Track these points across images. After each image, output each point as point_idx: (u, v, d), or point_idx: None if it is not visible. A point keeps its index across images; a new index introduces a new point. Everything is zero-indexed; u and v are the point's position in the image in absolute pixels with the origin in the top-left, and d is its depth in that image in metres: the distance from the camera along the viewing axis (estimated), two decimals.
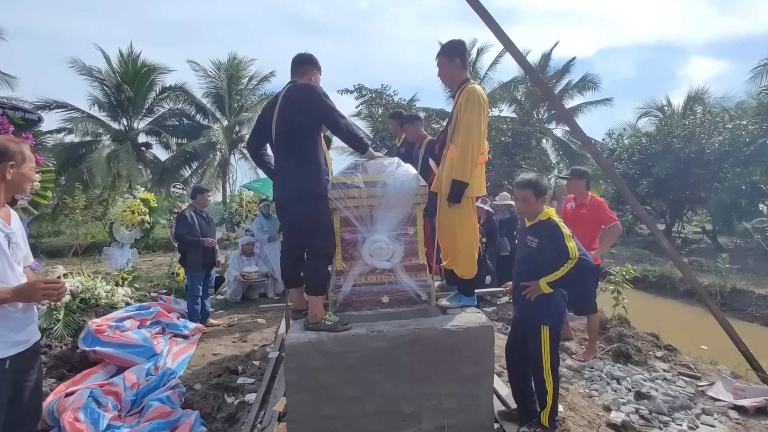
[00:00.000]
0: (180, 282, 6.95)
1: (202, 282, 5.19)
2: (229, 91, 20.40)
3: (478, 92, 2.67)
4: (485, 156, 2.83)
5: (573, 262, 2.43)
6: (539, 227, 2.59)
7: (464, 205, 2.75)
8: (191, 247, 5.05)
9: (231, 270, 6.68)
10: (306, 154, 2.60)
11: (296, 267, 2.83)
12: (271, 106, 2.69)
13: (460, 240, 2.80)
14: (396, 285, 2.79)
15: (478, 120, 2.65)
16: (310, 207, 2.59)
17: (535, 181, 2.58)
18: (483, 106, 2.66)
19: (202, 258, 5.10)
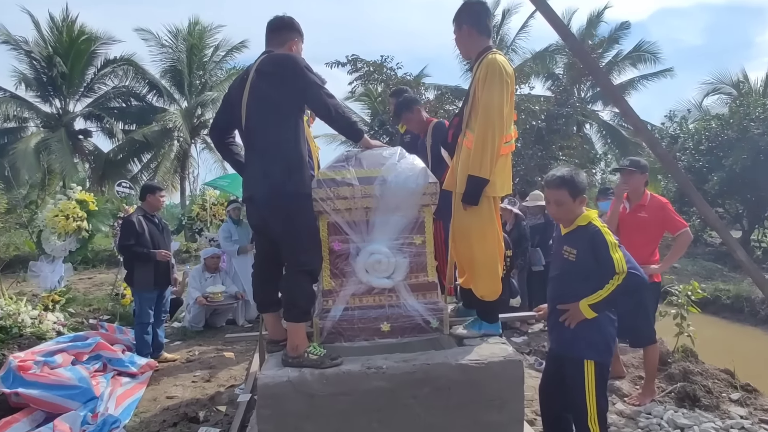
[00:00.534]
0: (126, 306, 6.95)
1: (154, 306, 5.20)
2: (189, 64, 20.54)
3: (499, 64, 2.68)
4: (511, 145, 2.83)
5: (619, 278, 2.43)
6: (577, 235, 2.59)
7: (484, 207, 2.75)
8: (140, 261, 5.06)
9: (190, 290, 6.69)
10: (284, 143, 2.61)
11: (272, 286, 2.82)
12: (241, 83, 2.70)
13: (480, 251, 2.80)
14: (399, 309, 2.79)
15: (499, 99, 2.65)
16: (290, 210, 2.59)
17: (570, 178, 2.58)
18: (506, 81, 2.67)
19: (154, 275, 5.11)
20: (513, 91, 2.78)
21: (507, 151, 2.80)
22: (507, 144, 2.77)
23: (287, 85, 2.59)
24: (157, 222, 5.30)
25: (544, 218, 6.53)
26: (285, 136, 2.61)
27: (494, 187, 2.73)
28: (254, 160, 2.67)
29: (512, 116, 2.83)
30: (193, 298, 6.52)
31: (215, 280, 6.81)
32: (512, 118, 2.83)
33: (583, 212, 2.60)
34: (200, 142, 22.10)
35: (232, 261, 7.11)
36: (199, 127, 21.35)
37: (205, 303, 6.45)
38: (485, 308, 2.92)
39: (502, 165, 2.77)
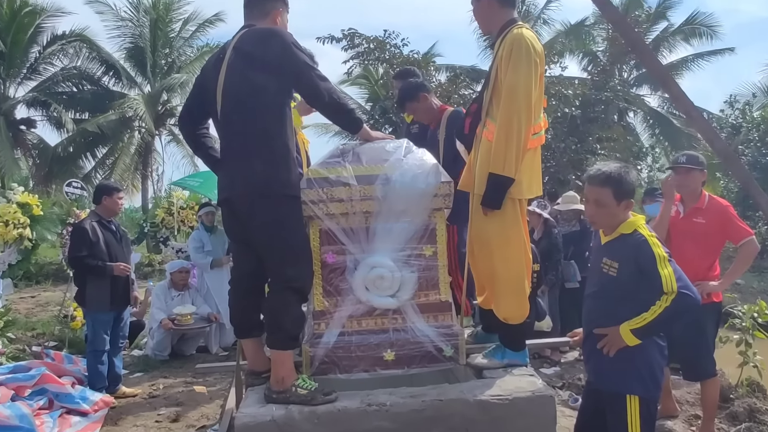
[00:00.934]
0: (76, 330, 6.94)
1: (110, 330, 5.20)
2: (153, 41, 20.67)
3: (526, 39, 2.69)
4: (540, 137, 2.84)
5: (668, 299, 2.43)
6: (620, 245, 2.59)
7: (508, 211, 2.76)
8: (94, 276, 5.07)
9: (154, 311, 6.70)
10: (268, 134, 2.62)
11: (253, 307, 2.83)
12: (216, 63, 2.72)
13: (503, 265, 2.80)
14: (405, 334, 2.79)
15: (527, 81, 2.66)
16: (275, 215, 2.61)
17: (618, 176, 2.57)
18: (535, 60, 2.68)
19: (111, 293, 5.11)
20: (543, 72, 2.80)
21: (536, 144, 2.81)
22: (536, 136, 2.78)
23: (272, 66, 2.61)
24: (114, 229, 5.32)
25: (580, 225, 6.52)
26: (269, 127, 2.63)
27: (520, 188, 2.74)
28: (232, 156, 2.68)
29: (542, 102, 2.84)
30: (157, 320, 6.52)
31: (184, 298, 6.81)
32: (542, 105, 2.84)
33: (628, 218, 2.60)
34: (166, 133, 22.18)
35: (204, 276, 7.12)
36: (165, 116, 21.43)
37: (172, 326, 6.45)
38: (509, 333, 2.92)
39: (529, 161, 2.78)
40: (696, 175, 3.89)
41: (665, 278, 2.43)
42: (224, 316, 6.76)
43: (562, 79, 12.72)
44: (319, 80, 2.66)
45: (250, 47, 2.64)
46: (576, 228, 6.52)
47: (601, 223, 2.66)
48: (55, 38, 19.81)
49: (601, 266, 2.62)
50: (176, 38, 21.59)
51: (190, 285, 6.97)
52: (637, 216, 2.64)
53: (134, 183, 21.42)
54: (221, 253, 7.04)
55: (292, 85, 2.73)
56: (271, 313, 2.66)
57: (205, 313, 6.76)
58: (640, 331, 2.48)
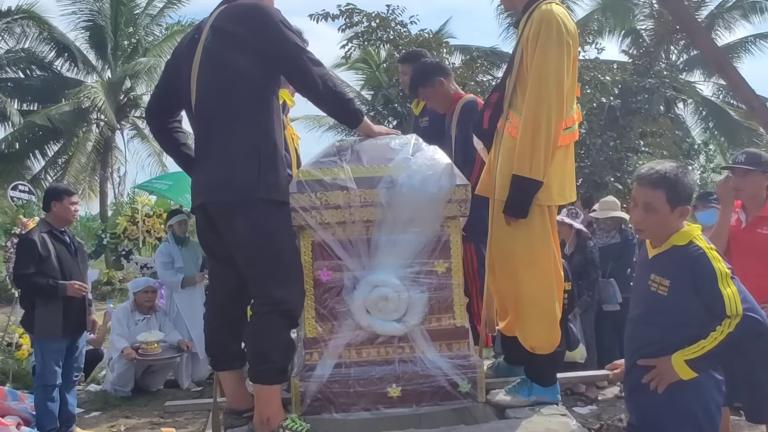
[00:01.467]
0: (23, 361, 6.93)
1: (63, 361, 5.20)
2: (114, 19, 20.80)
3: (557, 17, 2.71)
4: (573, 132, 2.85)
5: (732, 323, 2.42)
6: (672, 258, 2.58)
7: (535, 220, 2.77)
8: (43, 297, 5.08)
9: (115, 339, 6.71)
10: (252, 129, 2.64)
11: (232, 334, 2.83)
12: (191, 46, 2.75)
13: (529, 284, 2.81)
14: (414, 365, 2.79)
15: (558, 65, 2.68)
16: (259, 224, 2.62)
17: (675, 177, 2.57)
18: (567, 41, 2.70)
19: (63, 317, 5.12)
20: (576, 56, 2.82)
21: (568, 141, 2.83)
22: (568, 131, 2.80)
23: (256, 48, 2.63)
24: (68, 241, 5.34)
25: (621, 236, 6.53)
26: (253, 120, 2.65)
27: (549, 193, 2.75)
28: (209, 154, 2.70)
29: (575, 91, 2.85)
30: (117, 349, 6.53)
31: (150, 323, 6.82)
32: (575, 94, 2.86)
33: (681, 227, 2.60)
34: (129, 127, 22.26)
35: (173, 297, 7.13)
36: (128, 107, 21.51)
37: (136, 356, 6.46)
38: (537, 365, 2.92)
39: (560, 160, 2.80)
40: (756, 177, 3.89)
41: (728, 299, 2.41)
42: (197, 344, 6.76)
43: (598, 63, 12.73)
44: (311, 65, 2.68)
45: (231, 26, 2.66)
46: (616, 240, 6.52)
47: (649, 232, 2.66)
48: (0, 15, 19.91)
49: (648, 284, 2.62)
50: (141, 15, 21.71)
51: (157, 307, 6.98)
52: (692, 225, 2.63)
53: (91, 186, 21.48)
54: (194, 269, 7.06)
55: (280, 71, 2.75)
56: (254, 340, 2.66)
57: (174, 341, 6.75)
58: (697, 363, 2.46)
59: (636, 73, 12.54)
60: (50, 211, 5.31)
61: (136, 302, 6.89)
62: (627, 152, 12.09)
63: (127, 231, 10.09)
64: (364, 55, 16.52)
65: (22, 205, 8.33)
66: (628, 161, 11.90)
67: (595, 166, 11.64)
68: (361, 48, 13.74)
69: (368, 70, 17.71)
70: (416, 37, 12.23)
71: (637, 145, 12.24)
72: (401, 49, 11.88)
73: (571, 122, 2.83)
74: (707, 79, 20.12)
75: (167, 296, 7.22)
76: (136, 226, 9.93)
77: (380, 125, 3.19)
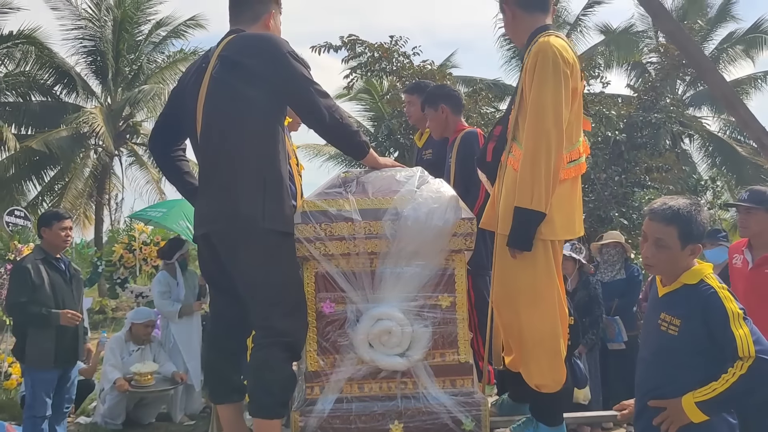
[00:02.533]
0: (11, 391, 6.88)
1: (54, 391, 5.16)
2: (116, 44, 20.99)
3: (553, 48, 2.74)
4: (579, 165, 2.88)
5: (744, 365, 2.41)
6: (682, 297, 2.58)
7: (539, 255, 2.77)
8: (36, 326, 5.06)
9: (107, 369, 6.66)
10: (258, 159, 2.67)
11: (233, 366, 2.84)
12: (198, 74, 2.80)
13: (532, 321, 2.81)
14: (416, 401, 2.78)
15: (555, 97, 2.70)
16: (263, 255, 2.63)
17: (688, 214, 2.57)
18: (564, 72, 2.72)
19: (56, 346, 5.09)
20: (577, 87, 2.85)
21: (573, 174, 2.85)
22: (573, 163, 2.83)
23: (264, 79, 2.67)
24: (63, 268, 5.33)
25: (626, 272, 6.51)
26: (258, 150, 2.68)
27: (553, 227, 2.76)
28: (213, 183, 2.72)
29: (580, 123, 2.88)
30: (110, 380, 6.48)
31: (144, 354, 6.78)
32: (580, 126, 2.89)
33: (692, 265, 2.60)
34: (127, 153, 22.33)
35: (169, 327, 7.10)
36: (127, 133, 21.62)
37: (129, 388, 6.41)
38: (542, 404, 2.91)
39: (566, 194, 2.81)
40: (760, 215, 3.88)
41: (740, 340, 2.40)
42: (193, 375, 6.74)
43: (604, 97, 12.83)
44: (318, 96, 2.72)
45: (239, 56, 2.70)
46: (621, 276, 6.50)
47: (659, 269, 2.66)
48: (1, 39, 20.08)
49: (658, 323, 2.61)
50: (144, 42, 21.91)
51: (152, 338, 6.94)
52: (703, 264, 2.63)
53: (87, 212, 21.47)
54: (191, 298, 7.03)
55: (287, 102, 2.79)
56: (256, 373, 2.64)
57: (168, 373, 6.71)
58: (708, 405, 2.44)
59: (642, 107, 12.62)
60: (46, 236, 5.31)
61: (132, 332, 6.85)
62: (633, 187, 12.12)
63: (123, 259, 10.08)
64: (367, 86, 16.70)
65: (18, 230, 8.34)
66: (633, 196, 11.91)
67: (599, 200, 11.65)
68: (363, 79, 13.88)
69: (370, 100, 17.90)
70: (419, 68, 12.35)
71: (642, 181, 12.27)
72: (404, 80, 11.99)
73: (576, 155, 2.85)
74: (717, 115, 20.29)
75: (163, 326, 7.19)
76: (132, 254, 9.93)
77: (386, 158, 3.22)
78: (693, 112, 19.86)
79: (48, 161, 19.97)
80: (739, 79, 20.18)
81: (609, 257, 6.62)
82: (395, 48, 12.46)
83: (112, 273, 10.50)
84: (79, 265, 11.03)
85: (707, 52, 18.67)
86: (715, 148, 19.98)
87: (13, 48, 20.13)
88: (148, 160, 21.53)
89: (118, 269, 10.22)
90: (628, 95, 15.49)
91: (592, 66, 13.38)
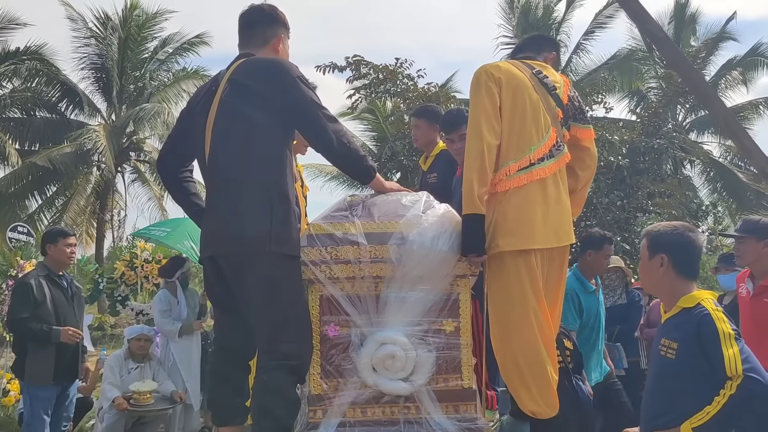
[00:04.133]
0: (9, 408, 6.84)
1: (52, 409, 5.14)
2: (120, 62, 21.15)
3: (479, 69, 2.98)
4: (531, 172, 2.91)
5: (734, 385, 2.41)
6: (679, 321, 2.60)
7: (510, 271, 2.86)
8: (36, 342, 5.05)
9: (106, 387, 6.59)
10: (265, 182, 2.69)
11: (236, 388, 2.83)
12: (207, 97, 2.83)
13: (516, 345, 2.87)
14: (419, 427, 2.77)
15: (475, 111, 2.92)
16: (270, 278, 2.64)
17: (679, 237, 2.62)
18: (487, 84, 2.92)
19: (55, 363, 5.08)
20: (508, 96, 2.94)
21: (524, 182, 2.91)
22: (524, 171, 2.90)
23: (274, 103, 2.71)
24: (65, 286, 5.31)
25: (627, 297, 6.50)
26: (266, 173, 2.70)
27: (511, 237, 2.84)
28: (220, 205, 2.74)
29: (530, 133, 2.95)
30: (109, 398, 6.39)
31: (143, 372, 6.71)
32: (531, 136, 2.95)
33: (691, 291, 2.62)
34: (130, 170, 22.41)
35: (169, 346, 7.05)
36: (130, 150, 21.71)
37: (127, 407, 6.35)
38: (542, 429, 2.92)
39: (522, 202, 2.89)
40: (752, 244, 3.88)
41: (728, 359, 2.41)
42: (192, 395, 6.68)
43: (605, 122, 12.90)
44: (327, 121, 2.75)
45: (249, 80, 2.74)
46: (622, 301, 6.48)
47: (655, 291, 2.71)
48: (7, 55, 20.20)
49: (659, 349, 2.63)
50: (149, 60, 22.07)
51: (151, 356, 6.91)
52: (702, 291, 2.65)
53: (88, 229, 21.48)
54: (192, 317, 7.01)
55: (295, 126, 2.83)
56: (260, 396, 2.63)
57: (168, 392, 6.64)
58: (704, 429, 2.44)
59: (644, 133, 12.69)
60: (50, 253, 5.32)
61: (130, 350, 6.81)
62: (635, 212, 12.14)
63: (125, 276, 10.05)
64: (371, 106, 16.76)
65: (20, 246, 8.34)
66: (635, 221, 11.93)
67: (601, 225, 11.63)
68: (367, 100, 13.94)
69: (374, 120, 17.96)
70: (424, 91, 12.42)
71: (645, 206, 12.30)
72: (408, 102, 12.05)
73: (526, 162, 2.92)
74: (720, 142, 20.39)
75: (163, 345, 7.15)
76: (134, 271, 9.90)
77: (392, 182, 3.25)
78: (695, 137, 19.97)
79: (51, 177, 20.02)
80: (740, 105, 20.30)
81: (610, 282, 6.59)
82: (400, 70, 12.55)
83: (113, 290, 10.47)
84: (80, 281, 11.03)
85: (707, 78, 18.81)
86: (717, 174, 20.05)
87: (20, 64, 20.23)
88: (151, 177, 21.63)
89: (119, 286, 10.19)
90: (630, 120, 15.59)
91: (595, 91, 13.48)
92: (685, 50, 16.08)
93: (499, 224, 2.88)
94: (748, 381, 2.40)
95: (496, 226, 2.89)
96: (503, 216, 2.88)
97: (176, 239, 8.61)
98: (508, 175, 2.90)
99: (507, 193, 2.90)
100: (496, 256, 2.88)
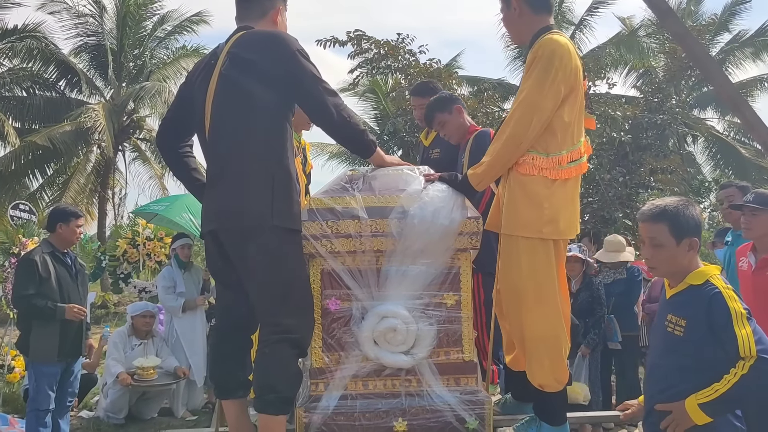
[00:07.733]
0: (14, 384, 6.90)
1: (57, 385, 5.19)
2: (120, 40, 20.99)
3: (553, 45, 2.80)
4: (580, 165, 2.91)
5: (745, 365, 2.40)
6: (688, 298, 2.58)
7: (540, 254, 2.82)
8: (41, 319, 5.08)
9: (110, 363, 6.68)
10: (266, 156, 2.69)
11: (238, 362, 2.85)
12: (206, 71, 2.82)
13: (534, 320, 2.84)
14: (420, 399, 2.80)
15: (539, 91, 2.76)
16: (271, 252, 2.64)
17: (674, 209, 2.59)
18: (555, 66, 2.76)
19: (60, 340, 5.11)
20: (578, 87, 2.88)
21: (574, 174, 2.89)
22: (574, 163, 2.85)
23: (273, 76, 2.69)
24: (69, 263, 5.33)
25: (627, 272, 6.52)
26: (267, 147, 2.70)
27: (556, 227, 2.80)
28: (221, 180, 2.74)
29: (581, 123, 2.92)
30: (112, 374, 6.48)
31: (146, 348, 6.79)
32: (581, 127, 2.92)
33: (697, 266, 2.61)
34: (131, 148, 22.35)
35: (173, 322, 7.10)
36: (130, 128, 21.63)
37: (131, 382, 6.42)
38: (545, 403, 2.92)
39: (568, 194, 2.86)
40: (765, 217, 3.88)
41: (742, 339, 2.39)
42: (195, 371, 6.75)
43: (608, 98, 12.82)
44: (326, 95, 2.75)
45: (248, 53, 2.72)
46: (622, 275, 6.49)
47: (661, 270, 2.66)
48: (5, 33, 20.07)
49: (665, 325, 2.61)
50: (148, 38, 21.91)
51: (155, 332, 6.96)
52: (710, 265, 2.63)
53: (89, 207, 21.45)
54: (195, 293, 7.05)
55: (295, 99, 2.81)
56: (262, 369, 2.65)
57: (171, 367, 6.72)
58: (711, 407, 2.43)
59: (648, 109, 12.61)
60: (55, 232, 5.32)
61: (133, 326, 6.87)
62: (637, 188, 12.11)
63: (127, 254, 10.09)
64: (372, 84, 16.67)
65: (22, 224, 8.35)
66: (637, 197, 11.90)
67: (603, 201, 11.64)
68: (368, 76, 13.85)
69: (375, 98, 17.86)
70: (425, 67, 12.33)
71: (647, 182, 12.26)
72: (410, 78, 11.97)
73: (577, 155, 2.88)
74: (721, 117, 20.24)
75: (166, 321, 7.20)
76: (136, 249, 9.93)
77: (392, 156, 3.24)
78: (698, 113, 19.84)
79: (51, 155, 19.96)
80: (744, 81, 20.12)
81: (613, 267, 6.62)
82: (401, 45, 12.44)
83: (116, 268, 10.53)
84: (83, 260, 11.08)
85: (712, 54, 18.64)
86: (719, 150, 19.92)
87: (17, 43, 20.11)
88: (152, 156, 21.57)
89: (121, 264, 10.23)
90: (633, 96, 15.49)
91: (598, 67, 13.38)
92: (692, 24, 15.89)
93: (545, 211, 2.82)
94: (762, 362, 2.38)
95: (540, 211, 2.81)
96: (550, 204, 2.81)
97: (175, 212, 8.63)
98: (560, 165, 2.83)
99: (556, 183, 2.83)
100: (537, 240, 2.84)
